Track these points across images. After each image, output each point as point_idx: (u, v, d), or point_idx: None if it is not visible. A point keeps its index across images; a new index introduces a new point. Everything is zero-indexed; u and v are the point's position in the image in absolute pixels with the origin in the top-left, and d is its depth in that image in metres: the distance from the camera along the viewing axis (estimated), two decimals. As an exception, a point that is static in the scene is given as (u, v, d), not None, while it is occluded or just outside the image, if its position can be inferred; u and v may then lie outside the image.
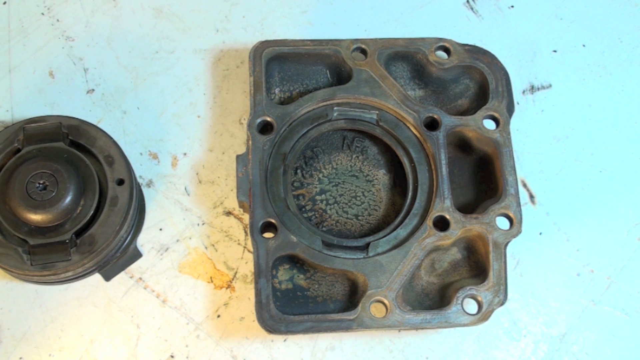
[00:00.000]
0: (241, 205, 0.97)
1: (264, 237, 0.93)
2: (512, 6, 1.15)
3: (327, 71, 1.05)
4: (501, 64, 1.05)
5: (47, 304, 0.95)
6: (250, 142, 0.97)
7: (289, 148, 0.99)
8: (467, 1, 1.15)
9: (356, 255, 0.94)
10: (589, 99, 1.11)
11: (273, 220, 0.93)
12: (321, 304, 0.94)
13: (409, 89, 1.06)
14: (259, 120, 0.98)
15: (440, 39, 1.04)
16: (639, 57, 1.14)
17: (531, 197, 1.05)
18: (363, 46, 1.03)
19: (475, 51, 1.05)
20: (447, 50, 1.04)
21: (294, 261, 0.95)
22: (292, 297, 0.94)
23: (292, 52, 1.02)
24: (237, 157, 0.96)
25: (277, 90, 1.04)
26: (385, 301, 0.91)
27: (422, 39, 1.04)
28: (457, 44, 1.04)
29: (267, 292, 0.90)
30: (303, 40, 1.03)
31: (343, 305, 0.94)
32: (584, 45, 1.14)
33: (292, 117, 1.00)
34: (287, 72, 1.05)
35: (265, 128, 0.99)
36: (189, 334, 0.95)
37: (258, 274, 0.91)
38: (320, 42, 1.03)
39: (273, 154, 0.98)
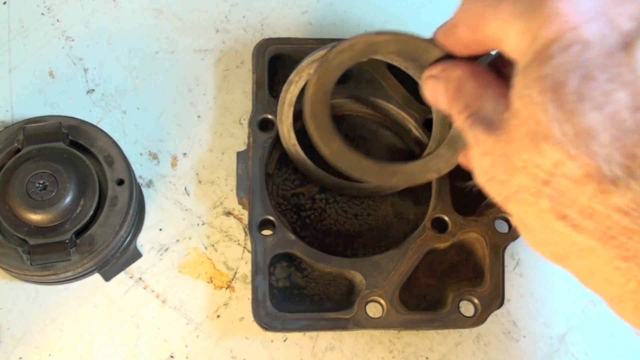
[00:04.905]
0: (240, 202, 0.97)
1: (262, 234, 0.93)
2: (514, 5, 1.15)
3: (328, 71, 1.05)
4: (501, 64, 1.04)
5: (47, 304, 0.95)
6: (250, 139, 0.97)
7: (289, 147, 0.99)
8: (468, 0, 1.14)
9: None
10: (590, 99, 1.10)
11: (272, 218, 0.93)
12: (318, 303, 0.94)
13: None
14: (260, 117, 0.98)
15: (441, 39, 1.04)
16: None
17: (532, 197, 1.04)
18: (364, 46, 1.03)
19: (475, 50, 1.04)
20: (447, 49, 1.04)
21: (292, 259, 0.95)
22: (289, 295, 0.94)
23: (295, 50, 1.02)
24: (238, 154, 0.96)
25: (278, 89, 1.04)
26: (382, 301, 0.91)
27: (422, 38, 1.04)
28: (458, 43, 1.04)
29: (263, 289, 0.91)
30: (306, 39, 1.03)
31: (340, 304, 0.94)
32: (586, 44, 1.13)
33: (293, 116, 1.00)
34: (289, 70, 1.04)
35: (266, 125, 0.99)
36: (189, 334, 0.95)
37: (255, 271, 0.91)
38: (323, 41, 1.03)
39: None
